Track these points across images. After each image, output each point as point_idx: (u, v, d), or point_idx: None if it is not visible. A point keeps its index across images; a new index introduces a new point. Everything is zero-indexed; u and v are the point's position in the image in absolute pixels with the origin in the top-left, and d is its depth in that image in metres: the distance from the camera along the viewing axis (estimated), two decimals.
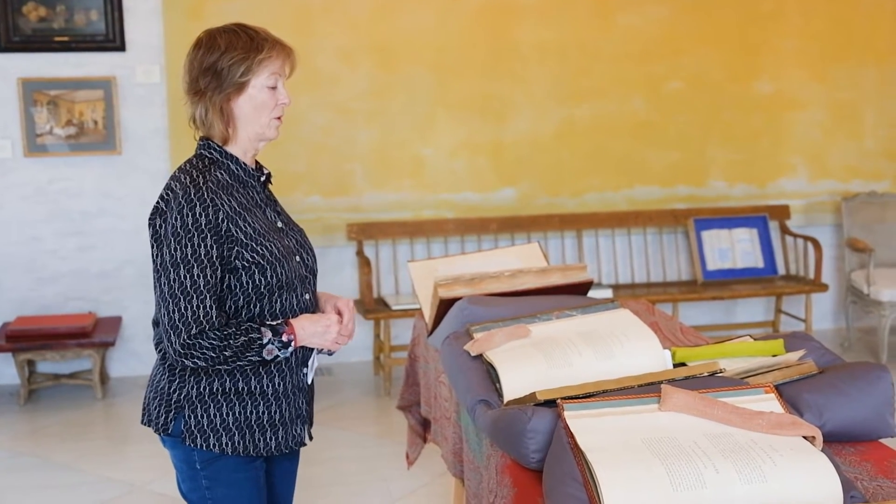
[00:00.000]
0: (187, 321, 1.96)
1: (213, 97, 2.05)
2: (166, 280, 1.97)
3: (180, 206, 1.97)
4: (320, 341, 2.15)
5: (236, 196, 2.07)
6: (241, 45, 2.06)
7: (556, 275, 2.75)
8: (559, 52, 5.51)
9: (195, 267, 1.96)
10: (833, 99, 5.85)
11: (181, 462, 2.15)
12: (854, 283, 5.58)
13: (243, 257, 2.03)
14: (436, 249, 5.46)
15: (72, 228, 5.20)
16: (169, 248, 1.97)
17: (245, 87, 2.06)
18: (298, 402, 2.23)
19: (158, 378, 2.12)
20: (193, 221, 1.97)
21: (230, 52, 2.04)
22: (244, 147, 2.13)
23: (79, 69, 5.09)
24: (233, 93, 2.06)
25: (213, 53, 2.04)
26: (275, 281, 2.07)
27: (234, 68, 2.04)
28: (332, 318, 2.15)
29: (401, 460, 3.86)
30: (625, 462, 1.62)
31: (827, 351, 2.34)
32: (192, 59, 2.07)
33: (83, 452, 4.23)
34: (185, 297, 1.96)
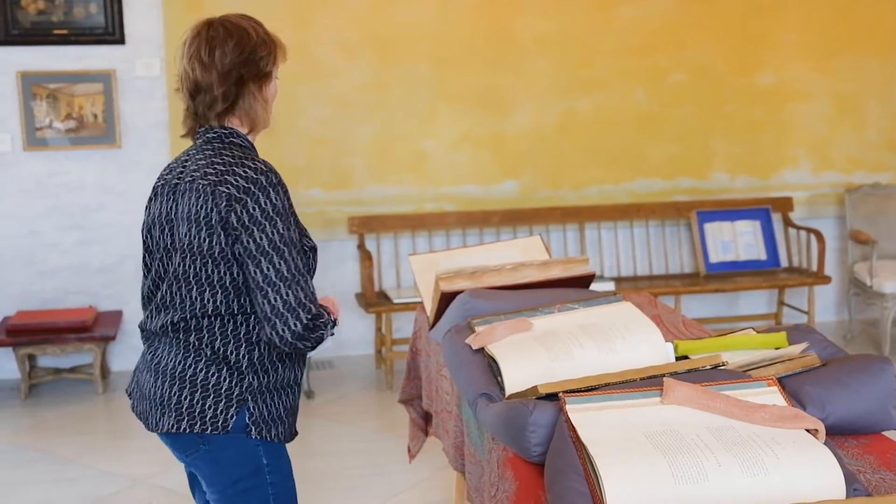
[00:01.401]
0: (306, 303, 1.95)
1: (252, 86, 2.06)
2: (280, 261, 1.93)
3: (274, 187, 1.96)
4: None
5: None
6: (266, 36, 2.09)
7: (557, 268, 2.74)
8: (560, 44, 5.49)
9: (295, 248, 1.97)
10: (836, 90, 5.83)
11: (237, 462, 2.04)
12: (857, 275, 5.57)
13: (305, 243, 2.07)
14: (437, 243, 5.45)
15: (72, 222, 5.19)
16: (276, 229, 1.94)
17: (270, 78, 2.10)
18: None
19: (200, 375, 1.99)
20: (284, 205, 1.97)
21: (262, 43, 2.07)
22: (255, 137, 2.14)
23: (78, 62, 5.08)
24: (264, 83, 2.08)
25: (248, 43, 2.05)
26: (314, 263, 2.11)
27: (266, 59, 2.07)
28: (333, 298, 2.19)
29: (402, 454, 3.86)
30: (627, 455, 1.61)
31: (829, 343, 2.33)
32: (221, 50, 2.02)
33: (85, 446, 4.22)
34: (302, 279, 1.96)
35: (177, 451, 2.09)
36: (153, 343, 2.08)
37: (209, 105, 2.03)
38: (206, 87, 2.02)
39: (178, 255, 2.00)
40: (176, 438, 2.04)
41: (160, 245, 2.07)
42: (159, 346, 2.06)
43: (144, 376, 2.07)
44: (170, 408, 2.00)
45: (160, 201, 2.08)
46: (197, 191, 1.97)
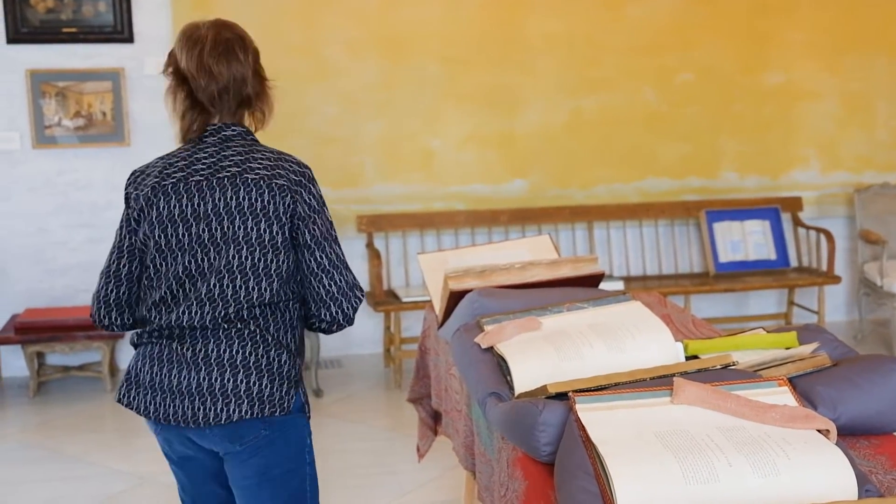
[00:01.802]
0: (358, 284, 2.11)
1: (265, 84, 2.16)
2: (336, 246, 2.09)
3: (314, 181, 2.10)
4: None
5: None
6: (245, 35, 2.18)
7: (566, 267, 2.73)
8: (568, 43, 5.48)
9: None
10: (845, 90, 5.80)
11: (292, 441, 2.11)
12: (867, 275, 5.55)
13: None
14: (446, 241, 5.44)
15: (80, 220, 5.19)
16: (326, 218, 2.09)
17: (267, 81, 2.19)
18: None
19: (263, 360, 2.04)
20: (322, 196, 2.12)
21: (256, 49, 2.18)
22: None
23: (87, 61, 5.09)
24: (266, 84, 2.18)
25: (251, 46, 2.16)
26: None
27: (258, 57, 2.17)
28: None
29: (411, 453, 3.85)
30: (637, 455, 1.60)
31: (840, 343, 2.32)
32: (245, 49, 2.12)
33: (93, 444, 4.23)
34: (347, 264, 2.11)
35: (229, 441, 2.06)
36: (193, 339, 2.05)
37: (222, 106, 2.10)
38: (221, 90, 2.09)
39: (234, 248, 2.02)
40: (236, 427, 2.04)
41: (193, 241, 2.04)
42: (207, 340, 2.04)
43: (182, 373, 2.03)
44: (237, 396, 2.02)
45: (175, 200, 2.05)
46: (247, 184, 2.02)
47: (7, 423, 4.56)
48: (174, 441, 2.12)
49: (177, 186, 2.06)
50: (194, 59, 2.09)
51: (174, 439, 2.11)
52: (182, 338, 2.05)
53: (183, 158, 2.10)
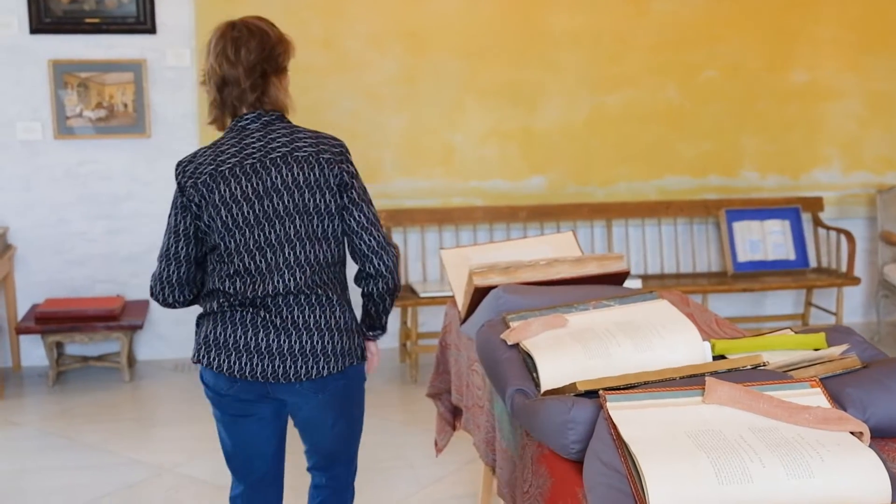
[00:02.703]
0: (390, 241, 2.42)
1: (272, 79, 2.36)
2: (371, 207, 2.39)
3: (349, 152, 2.41)
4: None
5: None
6: (281, 35, 2.42)
7: (592, 264, 2.72)
8: (592, 38, 5.46)
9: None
10: (869, 90, 5.76)
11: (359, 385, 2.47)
12: (887, 276, 5.51)
13: None
14: (464, 237, 5.43)
15: (101, 211, 5.21)
16: (361, 184, 2.39)
17: (286, 71, 2.42)
18: None
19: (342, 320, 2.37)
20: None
21: (279, 41, 2.39)
22: None
23: (109, 52, 5.10)
24: (282, 75, 2.40)
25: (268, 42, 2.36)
26: None
27: (282, 55, 2.39)
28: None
29: (428, 448, 3.85)
30: (669, 455, 1.59)
31: (869, 345, 2.30)
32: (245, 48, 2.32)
33: (111, 434, 4.24)
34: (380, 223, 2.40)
35: (314, 392, 2.36)
36: (276, 306, 2.31)
37: (238, 96, 2.31)
38: (233, 81, 2.31)
39: (298, 218, 2.30)
40: (324, 381, 2.35)
41: (259, 217, 2.29)
42: (290, 306, 2.32)
43: (271, 336, 2.30)
44: (325, 355, 2.33)
45: (234, 182, 2.28)
46: (298, 161, 2.30)
47: (26, 412, 4.58)
48: (245, 396, 2.35)
49: (234, 170, 2.29)
50: (206, 57, 2.36)
51: (246, 394, 2.35)
52: (266, 306, 2.31)
53: (232, 145, 2.32)
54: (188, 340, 5.37)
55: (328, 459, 2.55)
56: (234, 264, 2.31)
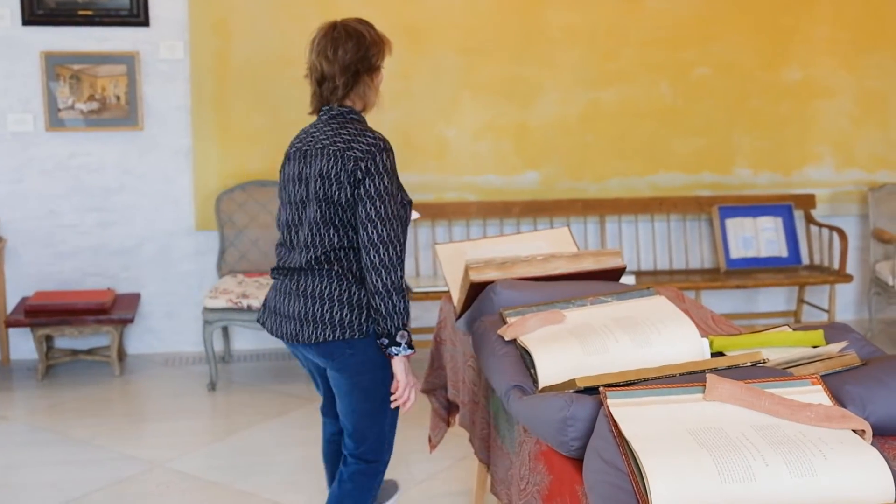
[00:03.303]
0: (393, 241, 2.48)
1: (365, 77, 2.60)
2: (382, 205, 2.48)
3: (385, 151, 2.52)
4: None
5: None
6: (377, 37, 2.64)
7: (589, 260, 2.71)
8: (587, 35, 5.44)
9: (394, 200, 2.51)
10: (862, 88, 5.77)
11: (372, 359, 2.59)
12: (878, 274, 5.52)
13: (404, 198, 2.60)
14: (457, 232, 5.42)
15: (92, 204, 5.17)
16: (383, 182, 2.49)
17: (379, 70, 2.65)
18: None
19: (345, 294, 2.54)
20: (392, 165, 2.54)
21: (374, 43, 2.61)
22: (367, 113, 2.69)
23: (102, 44, 5.06)
24: (374, 73, 2.63)
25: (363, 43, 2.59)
26: (408, 215, 2.62)
27: (376, 55, 2.62)
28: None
29: (422, 443, 3.83)
30: (672, 452, 1.57)
31: (867, 342, 2.30)
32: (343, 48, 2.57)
33: (101, 429, 4.21)
34: (393, 221, 2.49)
35: (323, 358, 2.59)
36: (296, 276, 2.59)
37: (332, 90, 2.58)
38: (329, 77, 2.58)
39: (315, 205, 2.53)
40: (326, 347, 2.55)
41: (295, 198, 2.59)
42: (304, 277, 2.57)
43: (289, 302, 2.59)
44: (324, 322, 2.54)
45: (292, 164, 2.62)
46: (328, 155, 2.52)
47: (15, 406, 4.55)
48: (297, 352, 2.72)
49: (293, 153, 2.64)
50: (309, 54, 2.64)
51: (296, 351, 2.71)
52: (290, 275, 2.61)
53: (305, 132, 2.66)
54: (179, 334, 5.34)
55: (350, 432, 2.69)
56: (280, 236, 2.69)
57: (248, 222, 5.17)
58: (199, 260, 5.29)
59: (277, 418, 4.34)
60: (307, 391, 4.70)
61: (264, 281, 4.91)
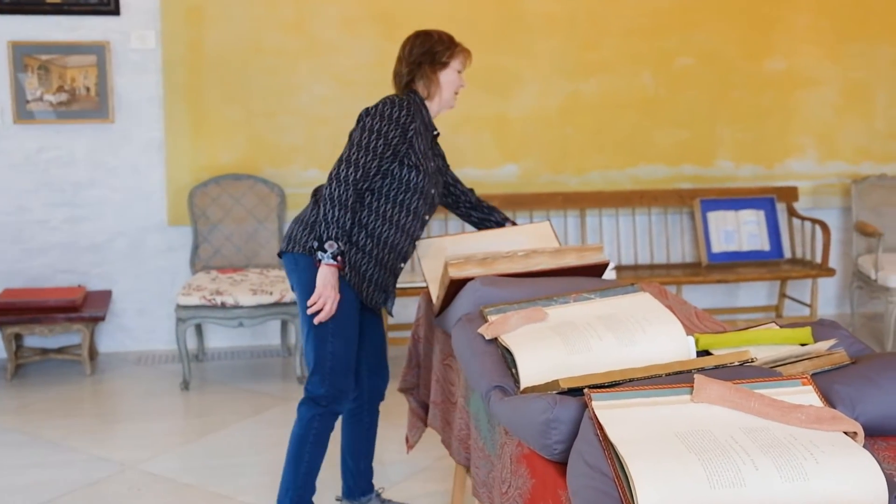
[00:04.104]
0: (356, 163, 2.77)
1: (425, 67, 2.95)
2: (357, 136, 2.82)
3: (392, 104, 2.86)
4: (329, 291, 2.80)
5: (422, 127, 2.93)
6: (446, 40, 2.99)
7: (571, 255, 2.64)
8: (567, 24, 5.37)
9: (380, 139, 2.80)
10: (845, 78, 5.73)
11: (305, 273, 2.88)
12: (861, 267, 5.48)
13: (411, 157, 2.87)
14: (435, 226, 5.34)
15: (62, 199, 5.05)
16: (371, 119, 2.83)
17: (446, 66, 2.97)
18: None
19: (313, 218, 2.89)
20: (395, 115, 2.84)
21: (439, 41, 2.98)
22: (435, 107, 3.01)
23: (71, 33, 4.93)
24: (439, 67, 2.95)
25: (429, 41, 2.98)
26: (420, 185, 2.90)
27: (442, 52, 2.96)
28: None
29: (399, 443, 3.76)
30: (659, 456, 1.51)
31: (855, 340, 2.24)
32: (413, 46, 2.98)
33: (72, 430, 4.11)
34: (361, 150, 2.79)
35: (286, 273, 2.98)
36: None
37: (398, 80, 3.01)
38: (397, 73, 3.02)
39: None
40: (284, 260, 2.94)
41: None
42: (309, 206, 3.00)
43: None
44: (286, 237, 2.94)
45: None
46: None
47: None
48: None
49: None
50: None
51: None
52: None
53: None
54: (151, 332, 5.24)
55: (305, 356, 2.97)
56: None
57: (223, 217, 5.07)
58: (171, 256, 5.18)
59: (252, 418, 4.25)
60: (282, 390, 4.61)
61: (238, 277, 4.82)
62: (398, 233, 2.93)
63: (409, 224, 2.95)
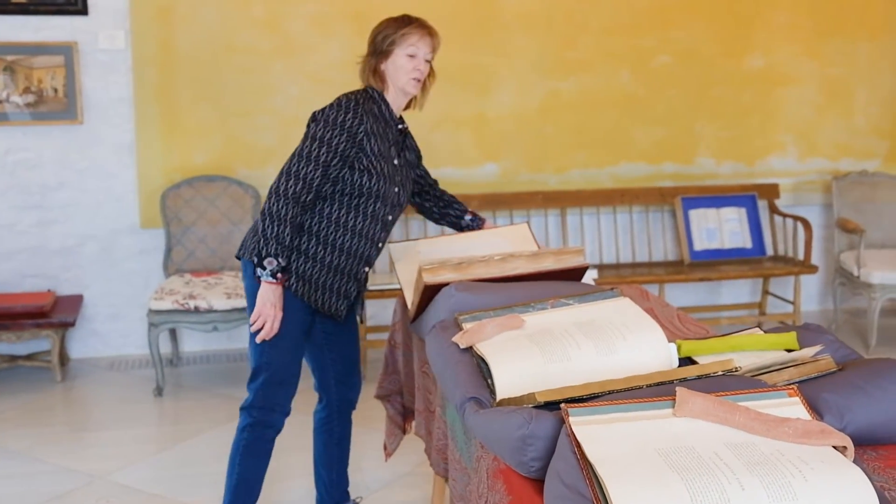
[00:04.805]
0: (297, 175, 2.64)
1: (372, 59, 2.84)
2: (299, 146, 2.70)
3: (338, 107, 2.73)
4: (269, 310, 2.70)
5: (378, 125, 2.78)
6: (393, 24, 2.83)
7: (549, 259, 2.56)
8: (545, 22, 5.29)
9: (324, 147, 2.67)
10: (824, 75, 5.68)
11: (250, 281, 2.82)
12: (843, 264, 5.44)
13: (363, 161, 2.72)
14: (414, 227, 5.25)
15: (30, 202, 4.93)
16: (316, 126, 2.71)
17: (390, 54, 2.81)
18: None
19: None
20: (341, 120, 2.70)
21: (387, 28, 2.83)
22: (393, 97, 2.86)
23: (38, 33, 4.82)
24: (382, 57, 2.82)
25: (377, 29, 2.85)
26: (375, 189, 2.75)
27: (383, 41, 2.82)
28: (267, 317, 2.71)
29: (378, 450, 3.68)
30: (639, 476, 1.43)
31: (841, 345, 2.18)
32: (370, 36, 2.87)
33: (40, 439, 4.00)
34: (306, 160, 2.67)
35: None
36: None
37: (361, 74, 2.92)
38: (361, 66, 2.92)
39: None
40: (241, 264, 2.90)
41: None
42: None
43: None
44: (242, 243, 2.88)
45: None
46: None
47: None
48: None
49: None
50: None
51: None
52: None
53: None
54: (124, 337, 5.13)
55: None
56: None
57: (196, 219, 4.97)
58: (144, 259, 5.08)
59: (227, 424, 4.14)
60: None
61: (213, 280, 4.72)
62: (355, 238, 2.79)
63: (368, 228, 2.80)
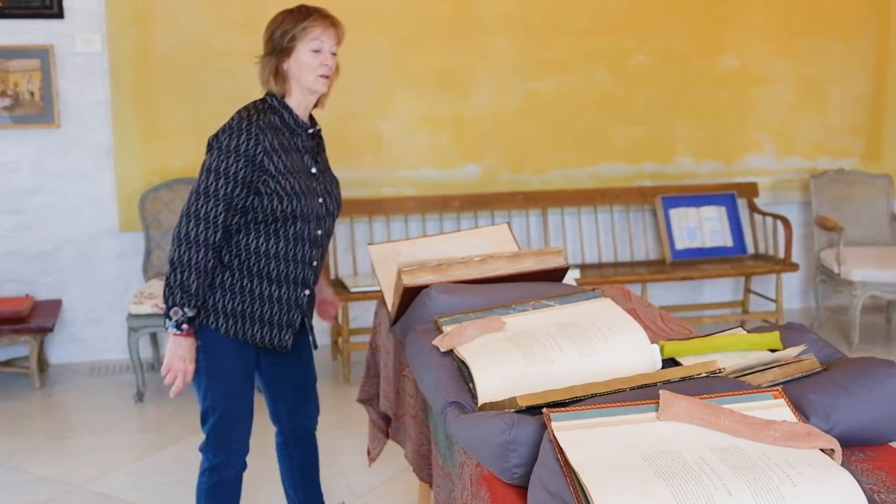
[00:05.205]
0: (198, 215, 2.41)
1: (271, 60, 2.54)
2: (198, 181, 2.45)
3: (230, 131, 2.46)
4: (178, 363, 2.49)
5: (280, 138, 2.51)
6: (291, 18, 2.55)
7: (529, 260, 2.54)
8: (522, 23, 5.28)
9: (221, 178, 2.42)
10: (799, 74, 5.70)
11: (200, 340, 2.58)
12: (823, 262, 5.45)
13: (268, 185, 2.47)
14: (395, 228, 5.22)
15: (7, 206, 4.88)
16: (209, 156, 2.46)
17: (291, 52, 2.53)
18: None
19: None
20: (234, 145, 2.44)
21: (283, 23, 2.55)
22: (299, 99, 2.58)
23: (13, 37, 4.76)
24: (283, 57, 2.53)
25: (272, 25, 2.56)
26: (290, 210, 2.50)
27: (281, 37, 2.53)
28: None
29: (362, 454, 3.64)
30: (624, 483, 1.41)
31: (825, 344, 2.17)
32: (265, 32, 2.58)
33: (18, 447, 3.95)
34: (204, 197, 2.42)
35: None
36: None
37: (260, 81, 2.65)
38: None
39: None
40: None
41: None
42: None
43: None
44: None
45: None
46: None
47: None
48: None
49: None
50: None
51: None
52: None
53: None
54: (104, 342, 5.08)
55: None
56: None
57: (175, 222, 4.92)
58: (123, 263, 5.02)
59: None
60: None
61: None
62: (282, 264, 2.55)
63: (295, 251, 2.56)
